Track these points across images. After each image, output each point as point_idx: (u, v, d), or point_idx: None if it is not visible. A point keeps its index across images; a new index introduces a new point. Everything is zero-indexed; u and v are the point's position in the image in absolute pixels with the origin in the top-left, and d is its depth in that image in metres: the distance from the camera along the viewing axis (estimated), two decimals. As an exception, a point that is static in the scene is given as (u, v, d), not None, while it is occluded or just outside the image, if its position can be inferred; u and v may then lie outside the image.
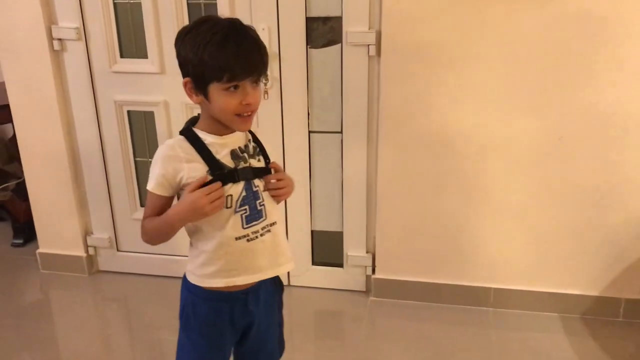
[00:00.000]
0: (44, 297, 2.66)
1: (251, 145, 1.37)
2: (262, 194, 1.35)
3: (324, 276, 2.55)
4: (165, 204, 1.33)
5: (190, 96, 1.30)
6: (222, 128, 1.31)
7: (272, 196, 1.38)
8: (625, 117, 2.09)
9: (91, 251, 2.70)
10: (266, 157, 1.40)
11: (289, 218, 2.45)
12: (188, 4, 2.25)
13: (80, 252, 2.68)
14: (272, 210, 1.38)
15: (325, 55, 2.23)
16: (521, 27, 2.03)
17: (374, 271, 2.48)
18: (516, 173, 2.22)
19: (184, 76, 1.29)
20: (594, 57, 2.04)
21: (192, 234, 1.38)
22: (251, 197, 1.33)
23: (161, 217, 1.32)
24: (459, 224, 2.32)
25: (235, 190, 1.31)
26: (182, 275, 1.45)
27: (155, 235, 1.36)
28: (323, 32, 2.21)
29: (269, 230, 1.37)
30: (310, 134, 2.34)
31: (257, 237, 1.35)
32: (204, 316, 1.40)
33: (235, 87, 1.24)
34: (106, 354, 2.25)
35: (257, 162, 1.37)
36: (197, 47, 1.22)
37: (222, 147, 1.31)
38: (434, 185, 2.29)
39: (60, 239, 2.68)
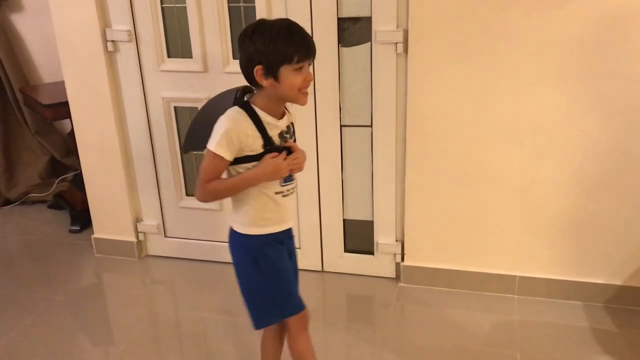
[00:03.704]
0: (98, 278, 2.85)
1: (293, 128, 1.66)
2: None
3: (356, 263, 2.64)
4: (225, 167, 1.59)
5: (260, 81, 1.54)
6: (277, 109, 1.60)
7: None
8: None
9: (141, 237, 2.85)
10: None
11: (322, 207, 2.57)
12: (229, 7, 2.38)
13: (131, 238, 2.84)
14: (297, 177, 1.69)
15: (355, 53, 2.34)
16: (542, 25, 2.09)
17: (403, 259, 2.56)
18: (540, 164, 2.27)
19: (253, 67, 1.53)
20: (615, 53, 2.09)
21: (242, 194, 1.62)
22: None
23: (238, 177, 1.60)
24: (484, 213, 2.39)
25: None
26: (224, 260, 1.61)
27: (224, 194, 1.65)
28: (353, 31, 2.31)
29: (294, 191, 1.70)
30: (342, 128, 2.45)
31: (288, 194, 1.67)
32: (272, 255, 1.69)
33: (300, 68, 1.52)
34: (153, 330, 2.42)
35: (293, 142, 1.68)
36: (267, 40, 1.50)
37: (276, 127, 1.60)
38: (460, 176, 2.36)
39: (113, 225, 2.84)
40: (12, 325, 2.42)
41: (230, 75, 2.44)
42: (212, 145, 1.55)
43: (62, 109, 2.79)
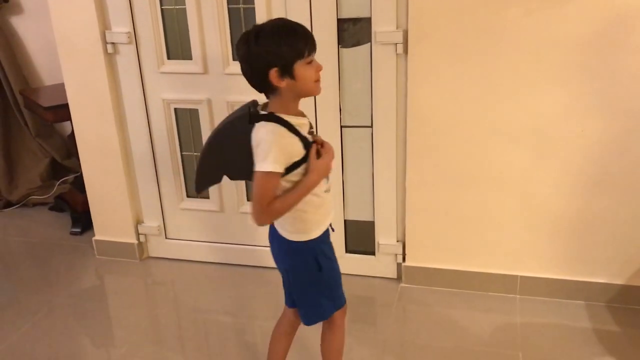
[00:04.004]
0: (99, 280, 2.85)
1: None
2: None
3: (357, 263, 2.63)
4: (279, 181, 1.58)
5: (278, 83, 1.53)
6: (296, 108, 1.61)
7: None
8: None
9: (142, 238, 2.85)
10: None
11: (323, 208, 2.57)
12: (229, 8, 2.38)
13: (132, 240, 2.84)
14: None
15: (355, 54, 2.33)
16: (542, 25, 2.09)
17: (404, 259, 2.56)
18: (541, 164, 2.27)
19: (265, 70, 1.51)
20: (615, 52, 2.08)
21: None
22: None
23: (297, 190, 1.59)
24: (486, 213, 2.38)
25: None
26: (225, 262, 1.55)
27: (286, 211, 1.61)
28: (353, 32, 2.31)
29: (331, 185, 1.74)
30: (342, 128, 2.44)
31: (330, 190, 1.71)
32: (328, 252, 1.75)
33: (311, 60, 1.55)
34: (154, 332, 2.42)
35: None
36: (275, 41, 1.50)
37: (305, 126, 1.62)
38: (461, 176, 2.35)
39: (114, 227, 2.84)
40: (13, 328, 2.42)
41: (231, 77, 2.44)
42: (268, 165, 1.52)
43: (63, 111, 2.79)
